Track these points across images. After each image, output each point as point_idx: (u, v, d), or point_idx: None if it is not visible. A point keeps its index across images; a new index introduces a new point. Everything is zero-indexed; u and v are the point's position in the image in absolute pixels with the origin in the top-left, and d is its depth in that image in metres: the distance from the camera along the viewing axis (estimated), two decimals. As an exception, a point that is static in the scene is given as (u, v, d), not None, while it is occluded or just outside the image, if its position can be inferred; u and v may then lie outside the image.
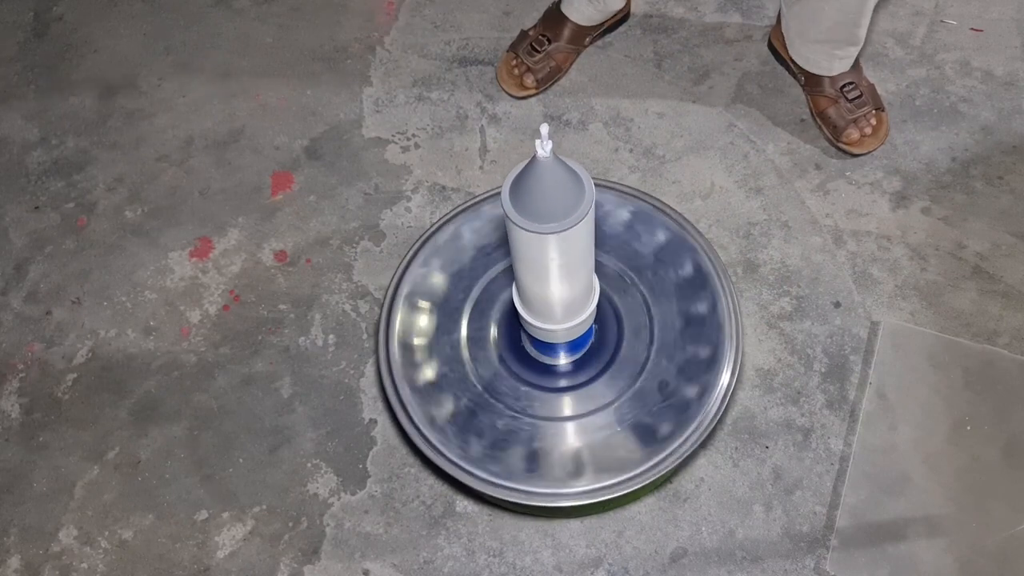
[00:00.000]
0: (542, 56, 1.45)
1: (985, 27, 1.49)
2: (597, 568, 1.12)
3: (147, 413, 1.27)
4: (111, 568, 1.17)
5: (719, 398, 0.90)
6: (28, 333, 1.35)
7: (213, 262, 1.39)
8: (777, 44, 1.43)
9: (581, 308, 0.83)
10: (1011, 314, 1.24)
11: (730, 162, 1.40)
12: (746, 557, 1.11)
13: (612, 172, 1.40)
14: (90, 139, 1.53)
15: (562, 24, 1.45)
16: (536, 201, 0.65)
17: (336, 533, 1.17)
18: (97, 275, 1.40)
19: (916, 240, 1.31)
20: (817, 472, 1.15)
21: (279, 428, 1.24)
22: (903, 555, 1.09)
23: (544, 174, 0.64)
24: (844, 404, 1.19)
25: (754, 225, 1.34)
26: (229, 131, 1.52)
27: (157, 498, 1.21)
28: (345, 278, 1.35)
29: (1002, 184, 1.34)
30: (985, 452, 1.14)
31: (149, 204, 1.45)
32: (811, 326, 1.25)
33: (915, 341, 1.22)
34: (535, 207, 0.65)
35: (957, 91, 1.43)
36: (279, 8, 1.66)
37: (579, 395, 0.96)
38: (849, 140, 1.34)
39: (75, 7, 1.70)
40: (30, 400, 1.30)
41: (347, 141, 1.48)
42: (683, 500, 1.15)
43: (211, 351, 1.31)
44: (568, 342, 0.91)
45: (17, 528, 1.21)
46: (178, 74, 1.59)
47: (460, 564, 1.13)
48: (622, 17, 1.51)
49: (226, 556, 1.17)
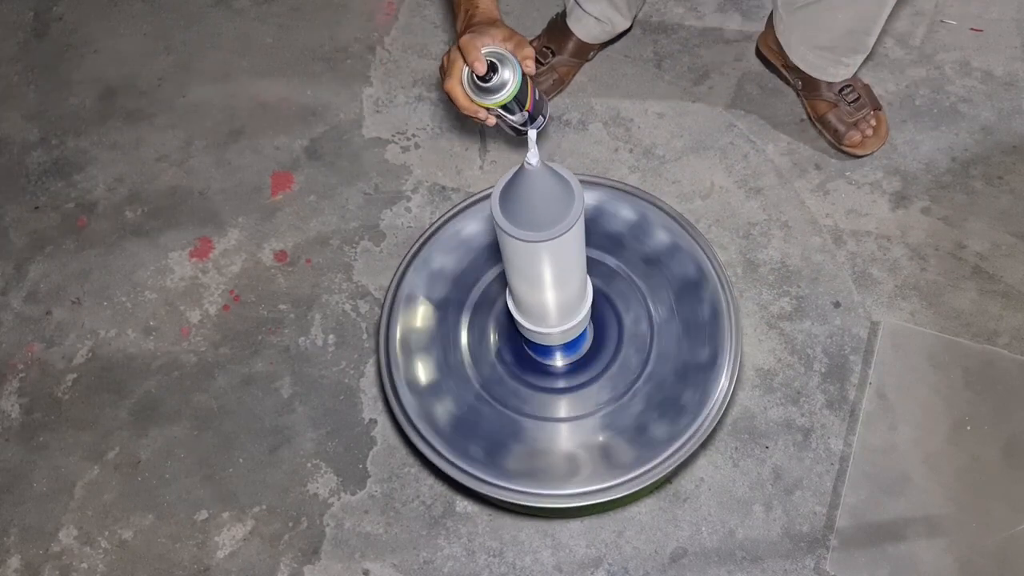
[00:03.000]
0: (546, 69, 1.44)
1: (985, 27, 1.49)
2: (597, 568, 1.12)
3: (147, 413, 1.27)
4: (111, 568, 1.17)
5: (719, 399, 0.90)
6: (28, 333, 1.36)
7: (213, 262, 1.39)
8: (766, 51, 1.40)
9: (574, 311, 0.83)
10: (1011, 314, 1.24)
11: (730, 162, 1.40)
12: (746, 557, 1.11)
13: (612, 172, 1.40)
14: (90, 139, 1.53)
15: (567, 38, 1.44)
16: (526, 209, 0.65)
17: (336, 533, 1.17)
18: (97, 275, 1.40)
19: (916, 240, 1.31)
20: (817, 472, 1.15)
21: (279, 428, 1.24)
22: (903, 555, 1.09)
23: (532, 183, 0.64)
24: (844, 404, 1.19)
25: (754, 225, 1.34)
26: (229, 131, 1.52)
27: (157, 498, 1.21)
28: (345, 278, 1.35)
29: (1002, 184, 1.34)
30: (985, 452, 1.14)
31: (149, 204, 1.45)
32: (811, 326, 1.25)
33: (915, 341, 1.22)
34: (525, 215, 0.65)
35: (957, 91, 1.43)
36: (279, 8, 1.66)
37: (578, 396, 0.95)
38: (852, 143, 1.34)
39: (75, 7, 1.70)
40: (30, 400, 1.30)
41: (347, 141, 1.48)
42: (683, 500, 1.15)
43: (211, 351, 1.31)
44: (564, 344, 0.91)
45: (17, 528, 1.21)
46: (178, 74, 1.59)
47: (460, 564, 1.13)
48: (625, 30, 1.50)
49: (226, 556, 1.17)
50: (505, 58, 0.82)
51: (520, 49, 0.85)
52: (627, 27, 1.44)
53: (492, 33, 0.84)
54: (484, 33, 0.84)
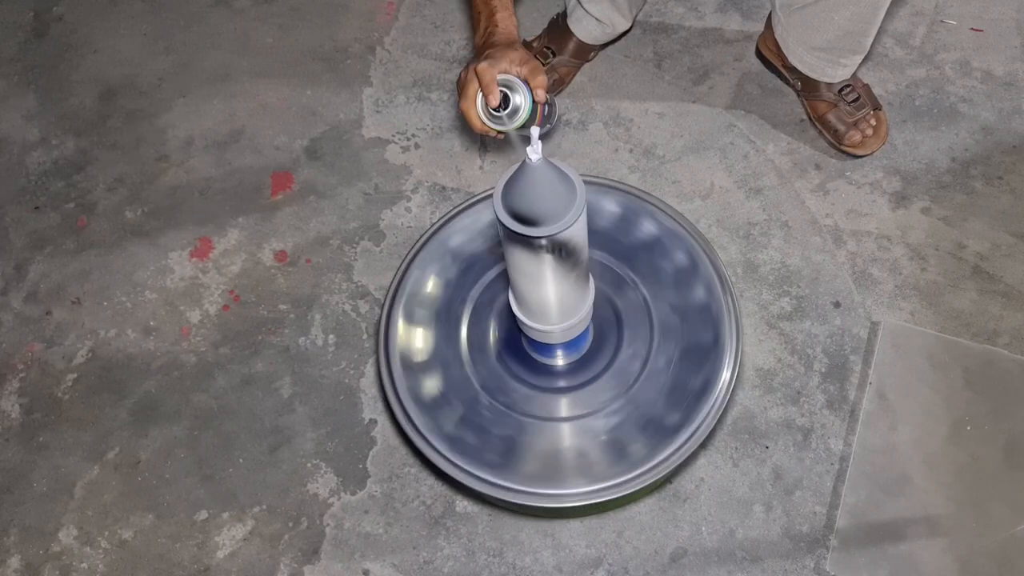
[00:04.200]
0: (546, 69, 1.43)
1: (985, 27, 1.49)
2: (597, 568, 1.12)
3: (147, 413, 1.27)
4: (111, 568, 1.17)
5: (719, 399, 0.90)
6: (28, 333, 1.35)
7: (213, 262, 1.39)
8: (766, 52, 1.40)
9: (576, 309, 0.84)
10: (1011, 314, 1.24)
11: (730, 162, 1.40)
12: (746, 557, 1.11)
13: (612, 172, 1.40)
14: (90, 139, 1.53)
15: (567, 39, 1.44)
16: (528, 205, 0.65)
17: (336, 533, 1.17)
18: (97, 275, 1.40)
19: (916, 240, 1.31)
20: (817, 472, 1.15)
21: (279, 428, 1.24)
22: (903, 555, 1.09)
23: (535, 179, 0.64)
24: (844, 404, 1.19)
25: (754, 225, 1.34)
26: (229, 131, 1.52)
27: (157, 498, 1.21)
28: (345, 278, 1.35)
29: (1002, 184, 1.34)
30: (985, 452, 1.14)
31: (149, 204, 1.45)
32: (811, 326, 1.25)
33: (915, 341, 1.22)
34: (527, 212, 0.65)
35: (957, 91, 1.43)
36: (279, 8, 1.66)
37: (578, 396, 0.96)
38: (852, 143, 1.34)
39: (75, 7, 1.70)
40: (30, 400, 1.30)
41: (347, 141, 1.48)
42: (683, 500, 1.15)
43: (211, 351, 1.31)
44: (565, 343, 0.91)
45: (17, 528, 1.21)
46: (178, 74, 1.59)
47: (460, 564, 1.13)
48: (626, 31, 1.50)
49: (226, 556, 1.17)
50: (517, 87, 0.87)
51: (534, 76, 0.89)
52: (628, 28, 1.44)
53: (510, 57, 0.88)
54: (501, 58, 0.88)
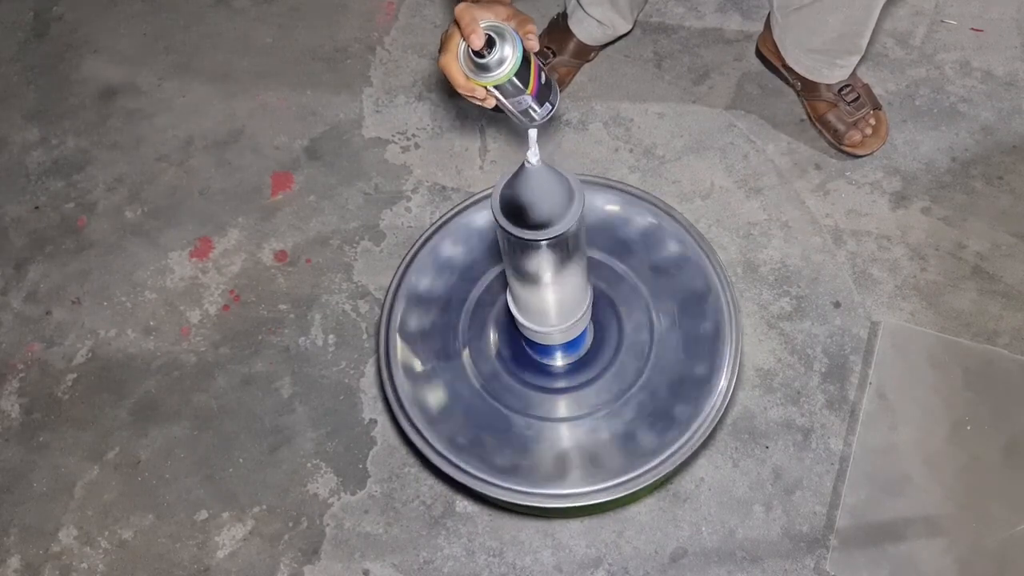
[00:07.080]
0: (546, 69, 1.43)
1: (985, 27, 1.49)
2: (597, 568, 1.12)
3: (147, 413, 1.27)
4: (111, 568, 1.17)
5: (719, 398, 0.90)
6: (28, 333, 1.36)
7: (213, 262, 1.39)
8: (766, 52, 1.40)
9: (574, 310, 0.84)
10: (1011, 314, 1.24)
11: (730, 162, 1.40)
12: (746, 557, 1.11)
13: (612, 172, 1.40)
14: (90, 139, 1.53)
15: (567, 39, 1.44)
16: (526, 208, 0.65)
17: (336, 533, 1.17)
18: (97, 275, 1.40)
19: (916, 240, 1.31)
20: (817, 472, 1.15)
21: (279, 428, 1.24)
22: (903, 555, 1.09)
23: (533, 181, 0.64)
24: (844, 404, 1.19)
25: (754, 225, 1.34)
26: (229, 131, 1.52)
27: (157, 498, 1.21)
28: (345, 278, 1.35)
29: (1002, 184, 1.34)
30: (985, 452, 1.14)
31: (149, 204, 1.45)
32: (811, 326, 1.25)
33: (915, 341, 1.22)
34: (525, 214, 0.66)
35: (957, 91, 1.43)
36: (279, 8, 1.66)
37: (578, 396, 0.95)
38: (852, 143, 1.34)
39: (75, 7, 1.70)
40: (30, 400, 1.30)
41: (347, 141, 1.48)
42: (683, 500, 1.15)
43: (211, 351, 1.31)
44: (564, 343, 0.91)
45: (17, 528, 1.21)
46: (178, 74, 1.59)
47: (460, 564, 1.13)
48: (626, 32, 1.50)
49: (226, 556, 1.17)
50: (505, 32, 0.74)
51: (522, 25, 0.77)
52: (628, 29, 1.44)
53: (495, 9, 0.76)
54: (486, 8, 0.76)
